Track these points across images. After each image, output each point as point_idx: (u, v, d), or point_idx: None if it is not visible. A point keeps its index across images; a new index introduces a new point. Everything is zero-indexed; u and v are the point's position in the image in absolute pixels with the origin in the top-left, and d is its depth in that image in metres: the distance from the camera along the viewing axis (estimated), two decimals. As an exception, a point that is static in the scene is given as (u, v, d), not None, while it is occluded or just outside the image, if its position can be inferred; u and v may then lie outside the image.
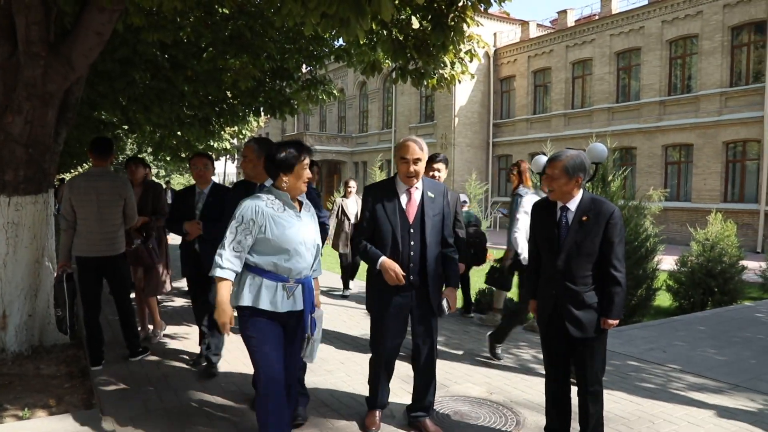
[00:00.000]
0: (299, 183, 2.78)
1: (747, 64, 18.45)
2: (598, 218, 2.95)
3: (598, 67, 22.64)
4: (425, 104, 29.64)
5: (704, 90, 19.06)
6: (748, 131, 17.97)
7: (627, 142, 21.18)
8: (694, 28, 19.39)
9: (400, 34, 4.60)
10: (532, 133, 25.23)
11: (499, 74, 27.28)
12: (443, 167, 4.73)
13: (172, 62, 7.81)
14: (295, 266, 2.76)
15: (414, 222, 3.30)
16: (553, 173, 3.00)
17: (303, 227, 2.81)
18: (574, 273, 3.00)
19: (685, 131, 19.46)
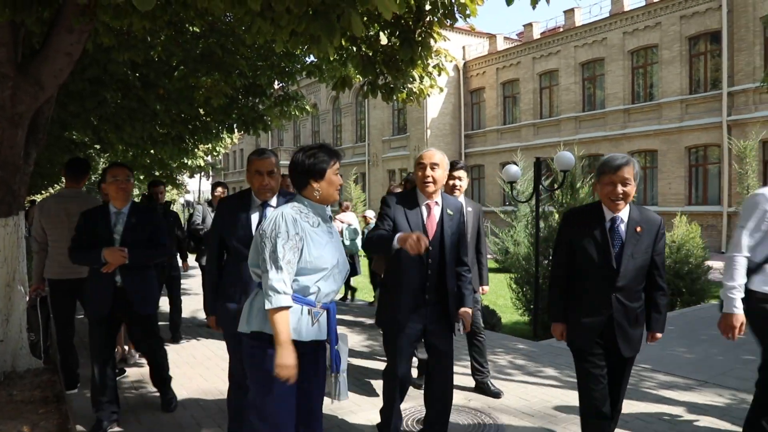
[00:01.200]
0: (332, 190, 2.43)
1: (705, 72, 19.02)
2: (650, 228, 2.76)
3: (564, 77, 23.10)
4: (398, 117, 29.81)
5: (666, 98, 19.57)
6: (708, 136, 18.47)
7: (594, 149, 21.58)
8: (654, 39, 19.93)
9: (369, 50, 4.65)
10: (503, 143, 25.57)
11: (469, 86, 27.63)
12: (464, 175, 4.36)
13: (144, 81, 7.74)
14: (326, 289, 2.36)
15: (433, 239, 3.09)
16: (625, 179, 2.68)
17: (336, 245, 2.45)
18: (630, 288, 2.77)
19: (649, 137, 19.92)
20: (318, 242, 2.32)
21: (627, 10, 20.78)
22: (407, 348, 3.14)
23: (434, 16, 4.17)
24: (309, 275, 2.30)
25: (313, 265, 2.29)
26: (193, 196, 47.57)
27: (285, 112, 8.70)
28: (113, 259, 3.54)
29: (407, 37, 4.23)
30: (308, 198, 2.41)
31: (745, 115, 17.35)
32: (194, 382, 4.81)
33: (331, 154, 2.42)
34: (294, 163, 2.41)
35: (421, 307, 3.09)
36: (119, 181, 3.66)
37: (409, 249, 2.75)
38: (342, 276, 2.44)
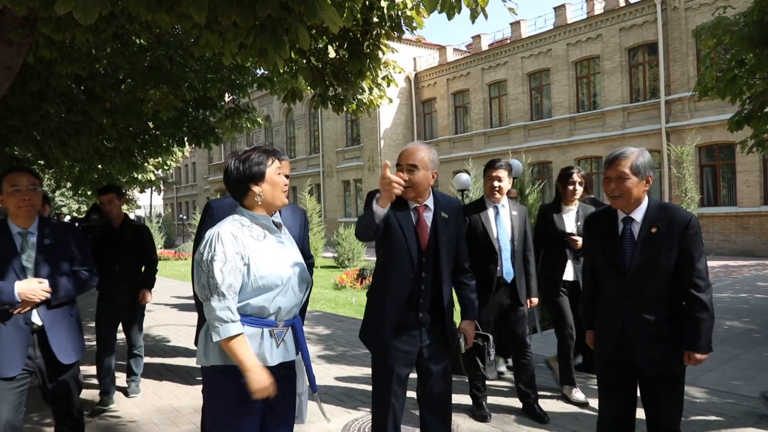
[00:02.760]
0: (277, 192, 2.16)
1: (644, 81, 19.83)
2: (671, 228, 2.43)
3: (512, 87, 23.66)
4: (351, 128, 29.88)
5: (608, 106, 20.29)
6: (649, 143, 19.22)
7: (543, 156, 22.16)
8: (596, 50, 20.67)
9: (318, 62, 4.69)
10: (455, 152, 25.95)
11: (420, 97, 27.97)
12: (505, 175, 3.92)
13: (89, 94, 7.55)
14: (285, 305, 2.12)
15: (427, 249, 2.69)
16: (620, 173, 2.47)
17: (290, 254, 2.20)
18: (646, 297, 2.47)
19: (594, 144, 20.59)
20: (267, 257, 2.09)
21: (570, 23, 21.49)
22: (400, 376, 2.68)
23: (381, 28, 4.24)
24: (263, 294, 2.07)
25: (266, 282, 2.06)
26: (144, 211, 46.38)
27: (236, 125, 8.64)
28: (31, 296, 2.74)
29: (355, 49, 4.29)
30: (250, 207, 2.17)
31: (681, 122, 18.17)
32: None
33: (267, 152, 2.18)
34: (227, 171, 2.16)
35: (414, 327, 2.68)
36: (22, 191, 2.79)
37: (387, 188, 2.45)
38: (303, 287, 2.22)
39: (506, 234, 3.94)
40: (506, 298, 3.95)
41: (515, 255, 3.95)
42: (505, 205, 4.01)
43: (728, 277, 12.14)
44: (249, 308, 2.07)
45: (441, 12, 2.94)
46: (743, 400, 4.14)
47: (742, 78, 6.94)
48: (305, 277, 2.24)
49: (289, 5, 3.08)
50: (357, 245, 17.64)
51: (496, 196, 3.94)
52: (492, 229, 3.92)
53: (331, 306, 9.61)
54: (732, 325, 6.79)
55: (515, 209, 4.05)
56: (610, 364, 2.59)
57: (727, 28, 6.73)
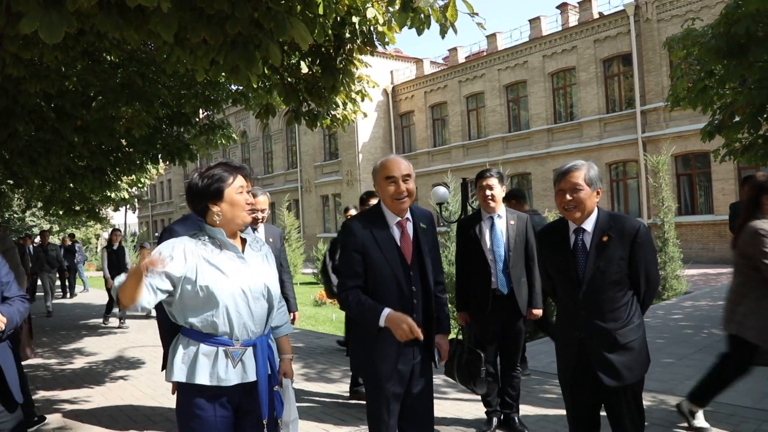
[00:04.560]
0: (237, 212, 2.14)
1: (619, 92, 20.23)
2: (621, 237, 2.50)
3: (489, 99, 23.95)
4: (329, 142, 29.95)
5: (585, 117, 20.64)
6: (626, 152, 19.58)
7: (522, 168, 22.41)
8: (571, 62, 21.05)
9: (291, 78, 4.72)
10: (434, 165, 26.10)
11: (398, 110, 28.16)
12: (497, 183, 3.91)
13: (59, 112, 7.49)
14: (237, 323, 2.10)
15: (413, 262, 2.66)
16: (574, 185, 2.52)
17: (247, 272, 2.15)
18: (601, 307, 2.50)
19: (572, 155, 20.87)
20: (216, 270, 2.08)
21: (545, 35, 21.87)
22: (393, 398, 2.61)
23: (353, 44, 4.29)
24: (212, 309, 2.06)
25: (211, 294, 2.05)
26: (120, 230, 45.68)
27: (211, 141, 8.63)
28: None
29: (328, 65, 4.34)
30: (212, 225, 2.15)
31: (657, 131, 18.55)
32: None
33: (230, 170, 2.15)
34: (189, 186, 2.17)
35: (410, 344, 2.62)
36: None
37: (399, 336, 2.43)
38: (262, 306, 2.17)
39: (501, 245, 3.91)
40: (504, 310, 3.91)
41: (512, 265, 3.89)
42: (501, 215, 3.98)
43: (707, 285, 12.35)
44: (201, 326, 2.08)
45: (411, 27, 3.00)
46: (720, 408, 4.22)
47: (712, 88, 7.14)
48: (267, 296, 2.20)
49: (259, 22, 3.12)
50: (337, 260, 17.57)
51: (491, 206, 3.91)
52: (486, 240, 3.91)
53: (310, 323, 9.57)
54: (711, 333, 6.90)
55: (514, 218, 4.00)
56: (574, 375, 2.62)
57: (695, 39, 6.94)
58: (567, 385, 2.69)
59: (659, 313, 8.48)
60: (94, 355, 7.60)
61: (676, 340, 6.62)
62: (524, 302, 3.94)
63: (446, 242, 14.91)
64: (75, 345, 8.43)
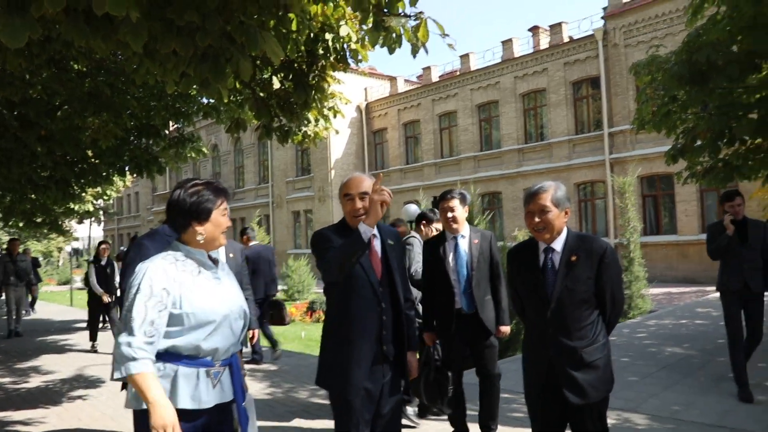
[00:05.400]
0: (218, 234, 2.16)
1: (588, 114, 20.72)
2: (589, 257, 2.56)
3: (462, 118, 24.26)
4: (301, 158, 29.88)
5: (555, 138, 21.04)
6: (594, 173, 19.98)
7: (493, 187, 22.67)
8: (542, 83, 21.49)
9: (263, 92, 4.71)
10: (406, 182, 26.24)
11: (371, 127, 28.30)
12: (458, 204, 3.93)
13: (22, 120, 7.31)
14: (222, 344, 2.09)
15: (382, 278, 2.69)
16: (542, 206, 2.58)
17: (226, 291, 2.18)
18: (568, 325, 2.55)
19: (542, 175, 21.21)
20: (200, 293, 2.06)
21: (517, 56, 22.31)
22: (363, 421, 2.56)
23: (326, 60, 4.31)
24: (196, 332, 2.03)
25: (198, 319, 2.03)
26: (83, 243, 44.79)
27: (180, 154, 8.52)
28: None
29: (301, 80, 4.34)
30: (189, 243, 2.14)
31: (624, 153, 19.00)
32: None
33: (218, 192, 2.17)
34: (173, 201, 2.12)
35: (378, 362, 2.61)
36: None
37: (378, 201, 2.41)
38: (238, 325, 2.19)
39: (464, 264, 3.94)
40: (470, 330, 3.91)
41: (476, 285, 3.91)
42: (465, 235, 4.01)
43: (670, 304, 12.61)
44: (183, 348, 2.03)
45: (383, 46, 3.03)
46: (682, 425, 4.29)
47: (675, 113, 7.36)
48: (243, 314, 2.22)
49: (231, 35, 3.11)
50: (307, 277, 17.51)
51: (453, 227, 3.94)
52: (449, 261, 3.94)
53: (279, 341, 9.44)
54: (673, 352, 7.04)
55: (478, 237, 4.03)
56: (542, 393, 2.65)
57: (659, 65, 7.15)
58: (535, 403, 2.71)
59: (624, 331, 8.61)
60: (52, 373, 7.37)
61: (641, 358, 6.74)
62: (491, 320, 3.95)
63: (417, 260, 15.01)
64: (31, 363, 8.17)
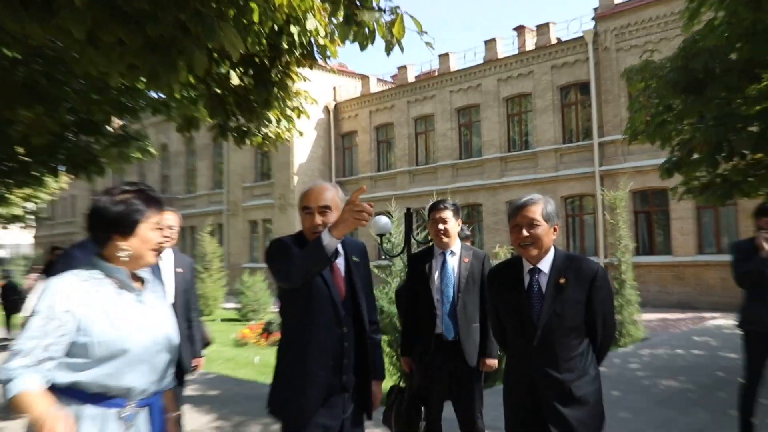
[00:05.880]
0: (145, 251, 2.05)
1: (577, 122, 21.09)
2: (579, 279, 2.57)
3: (440, 123, 24.45)
4: (261, 162, 29.73)
5: (541, 146, 21.33)
6: (582, 186, 20.30)
7: (472, 198, 22.85)
8: (528, 87, 21.83)
9: (219, 89, 4.68)
10: (377, 191, 26.21)
11: (340, 129, 28.34)
12: (451, 215, 3.93)
13: (-59, 112, 7.13)
14: (138, 381, 1.96)
15: (345, 299, 2.66)
16: (531, 220, 2.58)
17: (149, 317, 2.05)
18: (556, 355, 2.54)
19: (526, 186, 21.45)
20: (116, 318, 1.94)
21: (501, 57, 22.64)
22: None
23: (291, 56, 4.32)
24: (106, 364, 1.90)
25: (109, 349, 1.89)
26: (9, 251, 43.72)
27: (124, 154, 8.39)
28: None
29: (262, 76, 4.34)
30: (109, 259, 2.03)
31: (615, 165, 19.35)
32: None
33: (150, 201, 2.06)
34: (95, 209, 2.02)
35: (337, 393, 2.57)
36: None
37: (358, 216, 2.34)
38: (162, 358, 2.06)
39: (450, 284, 3.91)
40: (452, 359, 3.85)
41: (462, 308, 3.87)
42: (455, 252, 3.99)
43: (665, 331, 12.79)
44: (90, 385, 1.90)
45: (353, 42, 3.06)
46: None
47: (670, 123, 7.56)
48: (169, 346, 2.10)
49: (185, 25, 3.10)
50: (263, 295, 17.32)
51: (444, 241, 3.93)
52: (434, 278, 3.92)
53: (229, 366, 9.34)
54: (668, 385, 7.14)
55: (469, 255, 4.02)
56: (524, 428, 2.64)
57: (654, 72, 7.36)
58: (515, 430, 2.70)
59: (615, 361, 8.73)
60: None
61: (634, 391, 6.81)
62: (473, 350, 3.87)
63: (387, 277, 15.00)
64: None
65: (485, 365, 3.95)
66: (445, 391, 3.95)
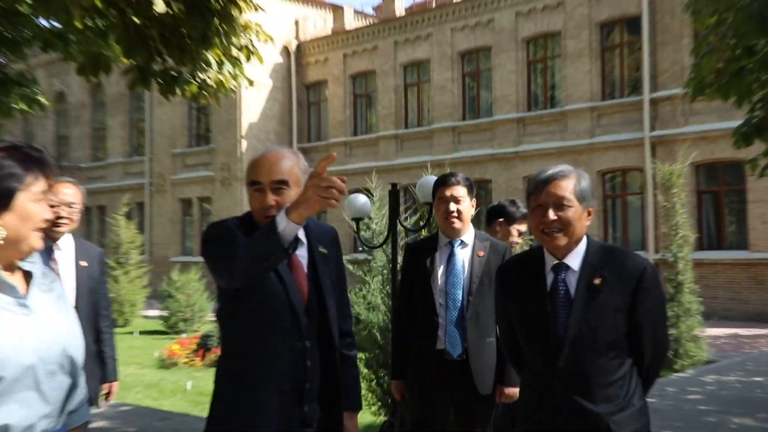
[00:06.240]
0: (28, 230, 1.94)
1: (621, 71, 21.04)
2: (619, 281, 2.52)
3: (437, 71, 24.34)
4: (197, 120, 29.57)
5: (571, 104, 21.31)
6: (627, 157, 20.27)
7: (479, 172, 22.75)
8: (556, 24, 21.75)
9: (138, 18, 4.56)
10: (353, 162, 26.12)
11: (304, 78, 28.18)
12: (465, 193, 3.93)
13: None
14: (19, 415, 1.85)
15: (308, 304, 2.64)
16: (559, 198, 2.54)
17: (35, 329, 1.92)
18: (589, 381, 2.50)
19: (551, 157, 21.23)
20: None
21: (520, -17, 22.50)
22: None
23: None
24: None
25: None
26: None
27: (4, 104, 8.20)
28: None
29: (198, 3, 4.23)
30: None
31: (672, 129, 19.34)
32: None
33: (30, 162, 1.95)
34: None
35: (297, 429, 2.59)
36: None
37: (326, 195, 2.22)
38: (63, 382, 1.98)
39: (459, 285, 3.92)
40: (457, 384, 3.86)
41: (473, 317, 3.88)
42: (467, 242, 4.01)
43: (738, 352, 12.83)
44: None
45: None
46: None
47: (751, 72, 7.46)
48: (70, 366, 2.01)
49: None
50: (199, 299, 17.25)
51: (455, 227, 3.93)
52: (437, 276, 3.93)
53: (151, 395, 9.31)
54: (742, 424, 7.14)
55: (485, 248, 4.02)
56: None
57: (731, 2, 7.24)
58: None
59: (669, 390, 8.75)
60: None
61: (693, 430, 6.81)
62: (487, 374, 3.88)
63: (366, 275, 14.92)
64: None
65: (503, 395, 3.93)
66: (449, 428, 3.96)
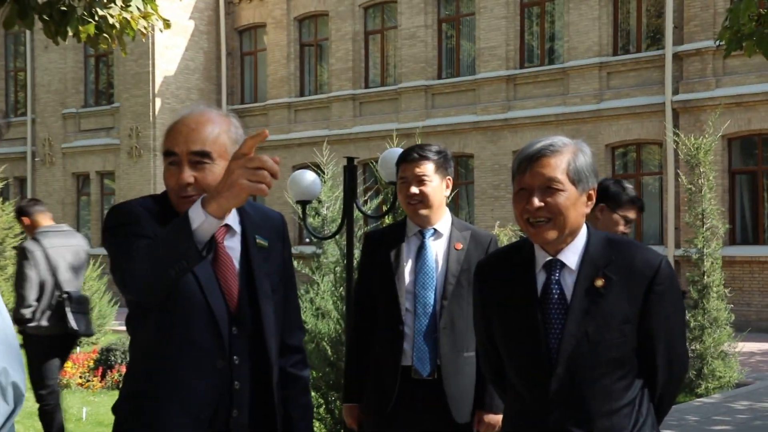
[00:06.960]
0: None
1: (638, 17, 21.21)
2: (627, 281, 2.50)
3: (406, 15, 24.32)
4: (96, 71, 29.29)
5: (574, 60, 21.44)
6: (642, 127, 20.41)
7: (459, 144, 22.83)
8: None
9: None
10: (298, 130, 26.07)
11: (236, 22, 28.07)
12: (432, 171, 3.95)
13: None
14: None
15: (238, 310, 2.61)
16: (548, 180, 2.50)
17: None
18: (589, 406, 2.51)
19: (548, 126, 21.42)
20: None
21: None
22: None
23: None
24: None
25: None
26: None
27: None
28: None
29: None
30: None
31: (699, 93, 19.49)
32: None
33: None
34: None
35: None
36: None
37: (254, 179, 2.20)
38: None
39: (430, 285, 3.95)
40: (427, 408, 3.90)
41: (448, 326, 3.90)
42: (442, 232, 4.02)
43: (776, 372, 13.01)
44: None
45: None
46: None
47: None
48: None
49: None
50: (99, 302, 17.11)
51: (421, 214, 3.95)
52: (403, 273, 3.93)
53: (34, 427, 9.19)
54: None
55: (464, 239, 4.04)
56: None
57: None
58: None
59: (690, 420, 8.87)
60: None
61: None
62: (464, 397, 3.93)
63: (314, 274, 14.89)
64: None
65: (483, 423, 3.98)
66: None
